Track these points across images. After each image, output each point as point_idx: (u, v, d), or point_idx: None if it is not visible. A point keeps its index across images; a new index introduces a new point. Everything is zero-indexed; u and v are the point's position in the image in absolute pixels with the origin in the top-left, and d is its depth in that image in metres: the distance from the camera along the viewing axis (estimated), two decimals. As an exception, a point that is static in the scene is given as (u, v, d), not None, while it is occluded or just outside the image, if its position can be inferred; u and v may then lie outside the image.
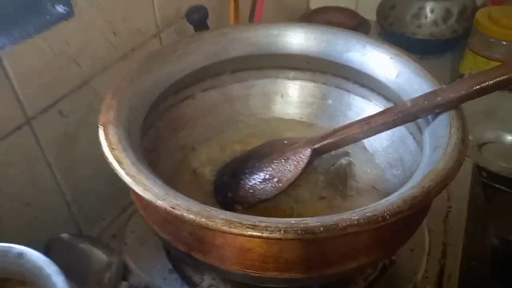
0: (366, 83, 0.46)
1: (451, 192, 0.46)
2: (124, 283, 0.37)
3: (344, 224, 0.23)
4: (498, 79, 0.32)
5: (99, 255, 0.37)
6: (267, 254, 0.27)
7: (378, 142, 0.44)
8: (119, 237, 0.45)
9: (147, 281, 0.39)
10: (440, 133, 0.32)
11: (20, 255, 0.28)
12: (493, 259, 0.54)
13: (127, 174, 0.27)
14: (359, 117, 0.45)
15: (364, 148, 0.45)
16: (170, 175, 0.42)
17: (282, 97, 0.51)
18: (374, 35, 0.94)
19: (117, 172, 0.28)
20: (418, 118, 0.36)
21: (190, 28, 0.57)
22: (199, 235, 0.28)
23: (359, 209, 0.25)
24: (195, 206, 0.25)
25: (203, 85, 0.48)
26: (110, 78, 0.49)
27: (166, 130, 0.45)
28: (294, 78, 0.51)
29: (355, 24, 0.92)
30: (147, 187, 0.26)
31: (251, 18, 0.65)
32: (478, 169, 0.53)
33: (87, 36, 0.45)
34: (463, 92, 0.33)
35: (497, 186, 0.53)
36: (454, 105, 0.33)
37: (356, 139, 0.39)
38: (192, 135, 0.47)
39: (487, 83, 0.32)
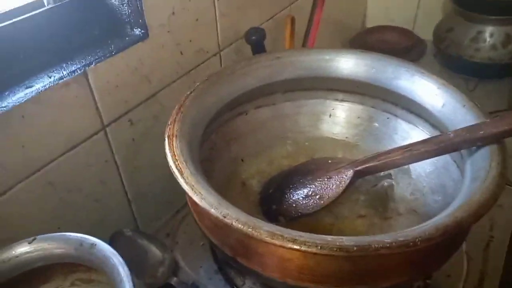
0: (414, 109, 0.47)
1: (495, 221, 0.46)
2: (175, 279, 0.41)
3: (376, 246, 0.26)
4: None
5: (155, 251, 0.42)
6: (304, 266, 0.30)
7: (421, 167, 0.46)
8: (172, 236, 0.49)
9: (195, 279, 0.43)
10: (480, 164, 0.33)
11: (93, 245, 0.33)
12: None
13: (187, 183, 0.31)
14: (405, 142, 0.47)
15: (407, 172, 0.47)
16: (222, 183, 0.46)
17: (330, 117, 0.54)
18: (430, 56, 0.94)
19: (178, 181, 0.32)
20: (459, 149, 0.37)
21: (248, 47, 0.61)
22: (245, 243, 0.32)
23: (393, 233, 0.27)
24: (244, 216, 0.29)
25: (256, 102, 0.52)
26: (174, 92, 0.55)
27: (221, 143, 0.49)
28: (343, 100, 0.53)
29: (410, 44, 0.92)
30: (203, 196, 0.30)
31: (305, 41, 0.68)
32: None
33: (159, 56, 0.51)
34: (505, 128, 0.34)
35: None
36: (495, 139, 0.34)
37: (397, 165, 0.41)
38: (243, 148, 0.51)
39: None
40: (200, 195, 0.30)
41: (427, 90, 0.44)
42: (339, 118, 0.54)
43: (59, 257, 0.34)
